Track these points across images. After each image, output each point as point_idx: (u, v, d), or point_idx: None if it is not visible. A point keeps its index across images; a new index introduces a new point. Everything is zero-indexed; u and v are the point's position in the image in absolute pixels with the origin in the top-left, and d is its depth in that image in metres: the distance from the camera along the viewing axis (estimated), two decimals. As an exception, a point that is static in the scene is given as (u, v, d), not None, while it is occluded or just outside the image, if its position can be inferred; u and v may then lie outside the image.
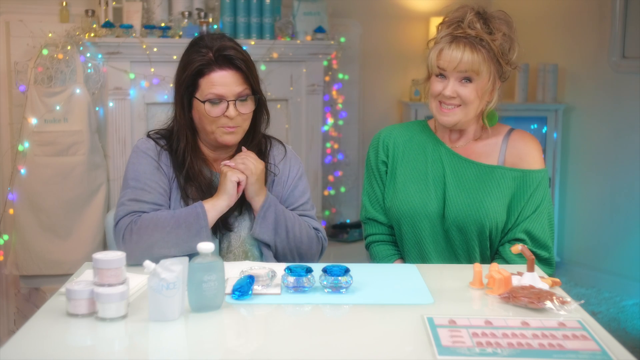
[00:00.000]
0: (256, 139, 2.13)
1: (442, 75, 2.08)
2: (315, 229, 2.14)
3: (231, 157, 2.09)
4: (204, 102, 1.99)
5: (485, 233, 2.09)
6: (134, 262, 1.82)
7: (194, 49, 2.03)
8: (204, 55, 1.99)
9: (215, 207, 1.98)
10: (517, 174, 2.10)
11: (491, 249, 2.13)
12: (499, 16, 2.10)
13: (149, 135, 2.10)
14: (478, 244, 2.10)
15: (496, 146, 2.15)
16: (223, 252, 2.07)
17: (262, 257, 2.08)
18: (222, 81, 1.99)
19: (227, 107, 1.99)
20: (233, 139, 2.04)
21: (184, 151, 2.04)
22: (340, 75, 4.43)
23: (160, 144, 2.07)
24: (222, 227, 2.05)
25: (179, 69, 2.06)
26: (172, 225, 1.92)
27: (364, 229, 2.30)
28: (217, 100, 1.99)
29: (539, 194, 2.10)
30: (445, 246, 2.13)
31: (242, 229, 2.09)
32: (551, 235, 2.13)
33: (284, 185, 2.16)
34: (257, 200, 2.04)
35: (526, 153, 2.12)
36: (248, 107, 2.04)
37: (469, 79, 2.05)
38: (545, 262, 2.10)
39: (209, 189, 2.05)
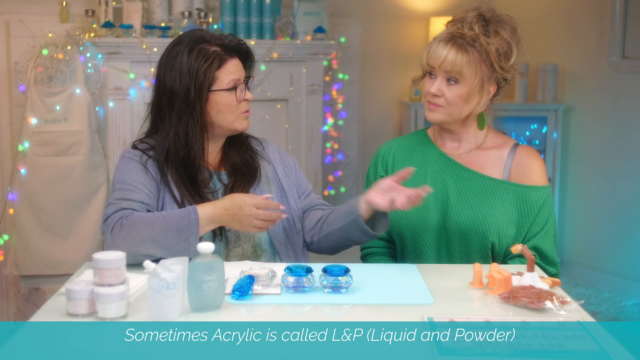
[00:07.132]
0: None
1: (432, 73, 2.08)
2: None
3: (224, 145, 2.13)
4: (229, 90, 2.03)
5: (487, 246, 2.07)
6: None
7: (197, 52, 2.02)
8: (213, 51, 2.03)
9: (214, 221, 1.93)
10: (523, 190, 2.09)
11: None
12: (505, 20, 2.07)
13: (134, 146, 2.11)
14: (480, 257, 2.08)
15: (500, 160, 2.13)
16: (230, 245, 2.05)
17: (272, 252, 2.08)
18: (235, 68, 2.07)
19: (245, 91, 2.08)
20: (249, 123, 2.12)
21: (195, 158, 2.04)
22: (340, 75, 4.42)
23: (147, 154, 2.07)
24: None
25: (180, 77, 2.02)
26: (163, 227, 1.88)
27: None
28: (236, 86, 2.05)
29: (546, 211, 2.09)
30: (447, 260, 2.11)
31: None
32: (556, 251, 2.12)
33: (290, 175, 2.19)
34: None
35: (531, 170, 2.11)
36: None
37: (455, 80, 2.04)
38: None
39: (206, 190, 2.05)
